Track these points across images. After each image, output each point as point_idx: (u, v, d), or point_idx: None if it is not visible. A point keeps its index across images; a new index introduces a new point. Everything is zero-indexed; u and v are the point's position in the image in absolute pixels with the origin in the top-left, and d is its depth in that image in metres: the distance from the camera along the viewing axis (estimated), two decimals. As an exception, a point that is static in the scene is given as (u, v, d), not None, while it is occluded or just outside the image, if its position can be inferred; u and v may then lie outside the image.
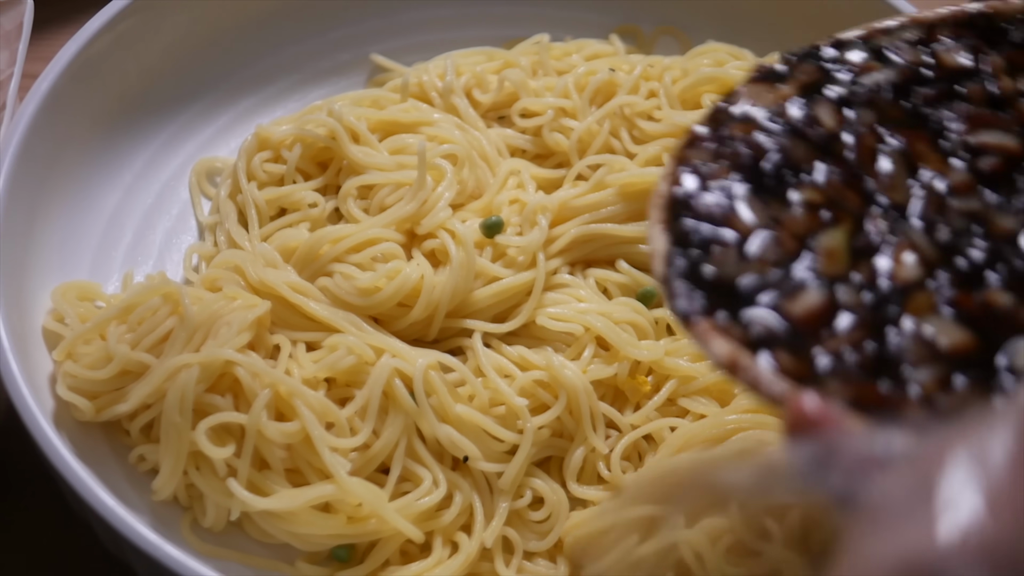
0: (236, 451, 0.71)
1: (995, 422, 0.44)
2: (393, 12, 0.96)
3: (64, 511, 0.74)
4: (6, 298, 0.73)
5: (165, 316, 0.74)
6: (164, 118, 0.89)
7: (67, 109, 0.83)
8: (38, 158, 0.80)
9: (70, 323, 0.76)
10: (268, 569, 0.73)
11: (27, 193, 0.79)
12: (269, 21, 0.93)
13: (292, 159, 0.85)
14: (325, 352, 0.75)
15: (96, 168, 0.85)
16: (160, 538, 0.66)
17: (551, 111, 0.87)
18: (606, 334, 0.77)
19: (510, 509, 0.74)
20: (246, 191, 0.84)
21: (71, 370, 0.73)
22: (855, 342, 0.54)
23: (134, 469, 0.74)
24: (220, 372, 0.72)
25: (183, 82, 0.90)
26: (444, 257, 0.79)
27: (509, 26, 0.96)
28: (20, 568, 0.76)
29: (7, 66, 0.82)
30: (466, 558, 0.72)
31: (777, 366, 0.53)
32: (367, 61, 0.94)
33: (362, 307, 0.77)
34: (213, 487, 0.72)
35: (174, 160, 0.89)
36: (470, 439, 0.74)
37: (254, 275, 0.77)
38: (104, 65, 0.85)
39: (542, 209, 0.80)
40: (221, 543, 0.73)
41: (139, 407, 0.73)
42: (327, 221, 0.83)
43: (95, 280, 0.81)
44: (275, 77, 0.93)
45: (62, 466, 0.68)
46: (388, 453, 0.73)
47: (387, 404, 0.74)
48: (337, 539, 0.72)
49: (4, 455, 0.78)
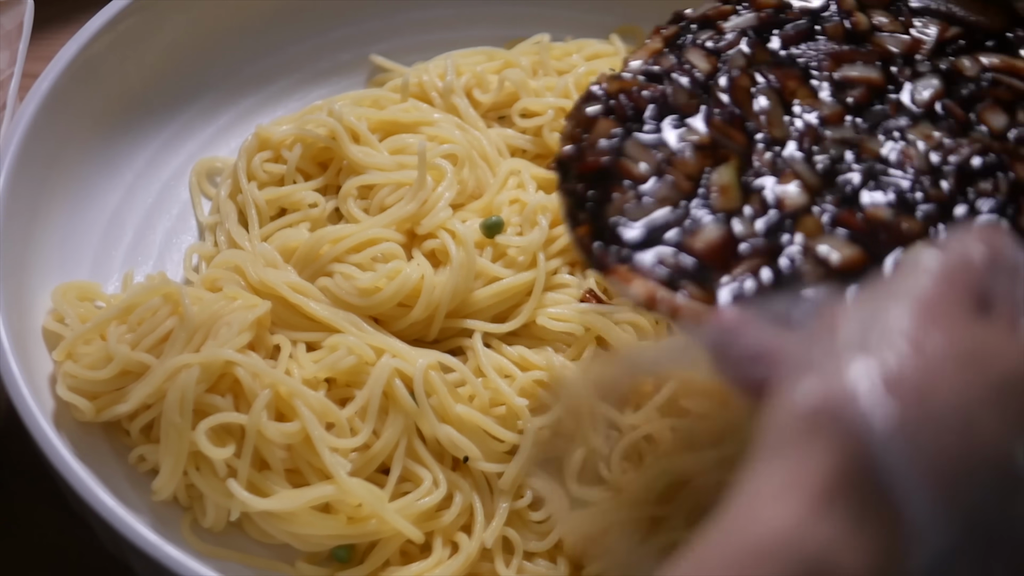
0: (236, 451, 0.71)
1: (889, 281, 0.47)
2: (393, 12, 0.95)
3: (64, 511, 0.74)
4: (6, 298, 0.73)
5: (165, 316, 0.74)
6: (164, 118, 0.89)
7: (67, 109, 0.83)
8: (38, 158, 0.80)
9: (70, 323, 0.76)
10: (268, 569, 0.73)
11: (27, 193, 0.79)
12: (269, 21, 0.93)
13: (292, 159, 0.84)
14: (325, 352, 0.75)
15: (96, 168, 0.85)
16: (160, 538, 0.66)
17: (551, 111, 0.87)
18: (606, 334, 0.77)
19: (510, 509, 0.74)
20: (246, 191, 0.84)
21: (71, 370, 0.73)
22: (754, 269, 0.59)
23: (134, 469, 0.74)
24: (220, 372, 0.72)
25: (183, 82, 0.90)
26: (444, 257, 0.79)
27: (509, 26, 0.96)
28: (20, 568, 0.76)
29: (7, 66, 0.82)
30: (466, 558, 0.72)
31: (688, 296, 0.58)
32: (367, 61, 0.94)
33: (362, 307, 0.77)
34: (213, 487, 0.72)
35: (174, 160, 0.89)
36: (470, 439, 0.74)
37: (254, 275, 0.77)
38: (104, 65, 0.85)
39: (542, 209, 0.80)
40: (221, 543, 0.73)
41: (139, 407, 0.73)
42: (327, 221, 0.83)
43: (95, 280, 0.81)
44: (275, 77, 0.93)
45: (62, 466, 0.68)
46: (388, 453, 0.73)
47: (387, 404, 0.74)
48: (337, 539, 0.72)
49: (4, 455, 0.78)
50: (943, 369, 0.41)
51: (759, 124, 0.64)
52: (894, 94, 0.65)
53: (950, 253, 0.46)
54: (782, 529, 0.41)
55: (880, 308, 0.44)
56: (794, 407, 0.43)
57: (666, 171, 0.62)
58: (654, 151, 0.64)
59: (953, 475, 0.40)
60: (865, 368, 0.42)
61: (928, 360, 0.42)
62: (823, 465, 0.41)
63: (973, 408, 0.41)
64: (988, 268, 0.45)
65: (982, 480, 0.41)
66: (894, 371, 0.42)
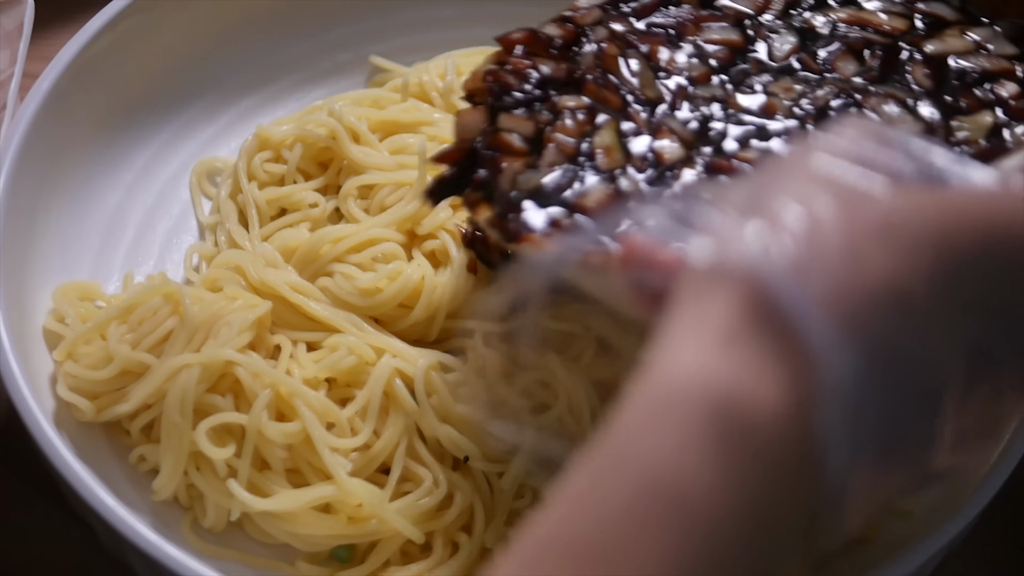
0: (236, 451, 0.71)
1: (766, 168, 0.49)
2: (393, 12, 0.95)
3: (64, 511, 0.74)
4: (6, 298, 0.73)
5: (166, 316, 0.74)
6: (164, 118, 0.89)
7: (67, 109, 0.83)
8: (38, 158, 0.80)
9: (71, 323, 0.76)
10: (268, 569, 0.73)
11: (27, 193, 0.79)
12: (269, 21, 0.93)
13: (292, 159, 0.84)
14: (326, 352, 0.75)
15: (96, 168, 0.85)
16: (160, 538, 0.66)
17: (551, 111, 0.87)
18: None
19: (511, 509, 0.74)
20: (247, 191, 0.84)
21: (72, 370, 0.73)
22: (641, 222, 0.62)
23: (134, 469, 0.74)
24: (221, 372, 0.72)
25: (183, 82, 0.90)
26: (444, 258, 0.79)
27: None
28: (20, 568, 0.77)
29: (7, 66, 0.82)
30: (467, 558, 0.72)
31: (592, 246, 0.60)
32: (367, 61, 0.94)
33: (363, 307, 0.77)
34: (213, 487, 0.72)
35: (174, 160, 0.89)
36: (471, 439, 0.74)
37: (255, 275, 0.77)
38: (104, 65, 0.85)
39: (542, 209, 0.80)
40: (221, 543, 0.73)
41: (140, 407, 0.73)
42: (327, 221, 0.83)
43: (96, 280, 0.81)
44: (275, 77, 0.93)
45: (62, 466, 0.68)
46: (389, 453, 0.73)
47: (388, 404, 0.74)
48: (337, 539, 0.72)
49: (4, 455, 0.78)
50: (828, 215, 0.44)
51: (632, 87, 0.69)
52: (754, 53, 0.71)
53: (824, 136, 0.48)
54: (689, 371, 0.42)
55: (763, 182, 0.46)
56: (694, 268, 0.45)
57: (550, 138, 0.67)
58: (531, 122, 0.68)
59: (849, 303, 0.42)
60: (755, 224, 0.44)
61: (814, 209, 0.44)
62: (724, 308, 0.43)
63: (859, 243, 0.43)
64: (862, 141, 0.47)
65: (879, 308, 0.43)
66: (783, 221, 0.44)
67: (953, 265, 0.44)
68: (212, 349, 0.72)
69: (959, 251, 0.44)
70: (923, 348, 0.43)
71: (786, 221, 0.44)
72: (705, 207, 0.47)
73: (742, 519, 0.41)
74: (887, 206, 0.44)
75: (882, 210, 0.44)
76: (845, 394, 0.42)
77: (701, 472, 0.41)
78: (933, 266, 0.43)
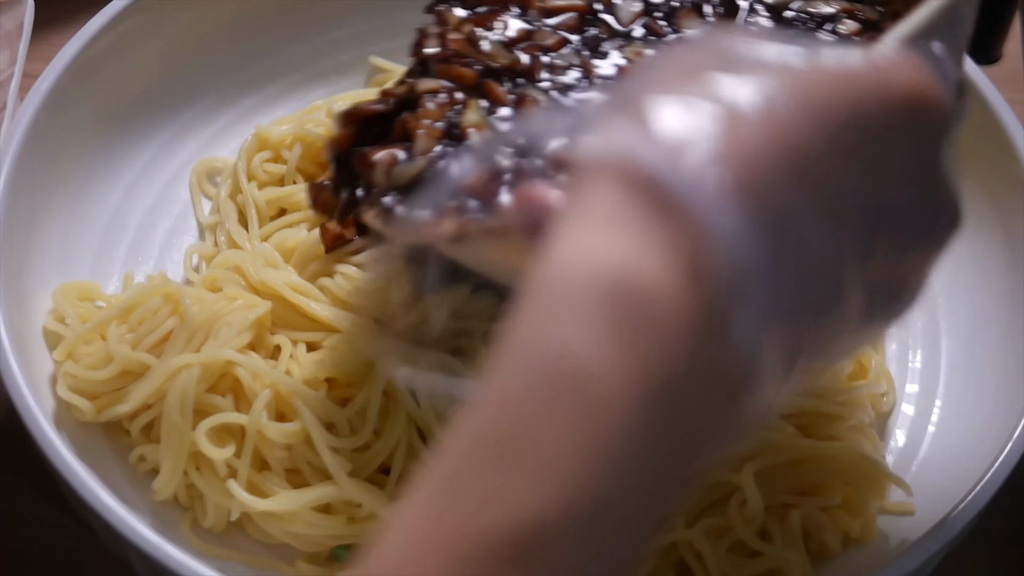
0: (236, 451, 0.71)
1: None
2: (393, 12, 0.95)
3: (64, 511, 0.74)
4: (6, 298, 0.73)
5: (166, 316, 0.74)
6: (164, 118, 0.89)
7: (67, 109, 0.83)
8: (38, 158, 0.80)
9: (71, 323, 0.76)
10: (268, 569, 0.73)
11: (27, 193, 0.79)
12: (269, 21, 0.93)
13: (292, 159, 0.85)
14: (326, 352, 0.75)
15: (96, 168, 0.85)
16: (160, 538, 0.66)
17: (551, 111, 0.87)
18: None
19: (511, 509, 0.74)
20: (246, 191, 0.84)
21: (71, 370, 0.73)
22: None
23: (134, 469, 0.74)
24: (221, 372, 0.72)
25: (183, 82, 0.90)
26: (444, 257, 0.79)
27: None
28: (20, 568, 0.77)
29: (7, 66, 0.82)
30: (467, 558, 0.72)
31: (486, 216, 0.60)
32: (367, 61, 0.94)
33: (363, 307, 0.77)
34: (213, 487, 0.72)
35: (174, 160, 0.89)
36: (471, 439, 0.74)
37: (254, 275, 0.77)
38: (104, 65, 0.85)
39: (542, 209, 0.80)
40: (221, 543, 0.73)
41: (140, 407, 0.73)
42: (327, 221, 0.83)
43: (95, 280, 0.81)
44: (275, 77, 0.93)
45: (62, 466, 0.68)
46: (389, 453, 0.73)
47: (388, 404, 0.74)
48: (337, 539, 0.72)
49: (4, 455, 0.78)
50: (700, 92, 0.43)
51: (487, 58, 0.68)
52: (604, 15, 0.71)
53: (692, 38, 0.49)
54: (575, 254, 0.42)
55: (628, 88, 0.46)
56: (576, 167, 0.44)
57: (416, 127, 0.65)
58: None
59: (731, 169, 0.42)
60: (627, 113, 0.44)
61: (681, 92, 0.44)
62: (607, 193, 0.42)
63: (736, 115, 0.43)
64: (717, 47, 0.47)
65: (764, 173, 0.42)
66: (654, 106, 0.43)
67: (838, 126, 0.44)
68: (212, 349, 0.72)
69: (843, 113, 0.44)
70: (816, 208, 0.43)
71: (657, 104, 0.43)
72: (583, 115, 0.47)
73: (651, 398, 0.40)
74: (760, 79, 0.44)
75: (757, 82, 0.44)
76: (740, 258, 0.41)
77: (598, 350, 0.40)
78: (818, 128, 0.43)
